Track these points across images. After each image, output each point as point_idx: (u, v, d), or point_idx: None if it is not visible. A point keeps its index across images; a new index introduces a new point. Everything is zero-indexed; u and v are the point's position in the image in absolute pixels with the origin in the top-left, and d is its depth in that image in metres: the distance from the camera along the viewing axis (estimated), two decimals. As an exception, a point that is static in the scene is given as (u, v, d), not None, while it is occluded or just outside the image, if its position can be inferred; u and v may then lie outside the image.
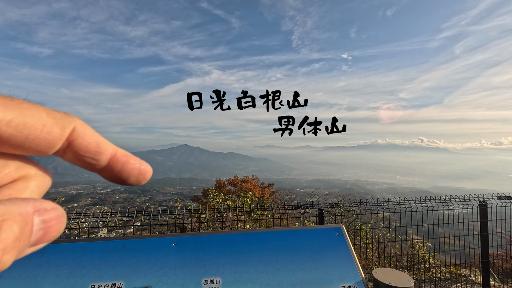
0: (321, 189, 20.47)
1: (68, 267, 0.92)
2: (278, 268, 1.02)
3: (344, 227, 1.20)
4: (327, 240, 1.15)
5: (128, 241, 1.03)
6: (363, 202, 3.19)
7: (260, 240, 1.11)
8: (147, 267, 0.96)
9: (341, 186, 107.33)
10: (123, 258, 0.97)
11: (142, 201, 65.94)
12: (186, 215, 2.76)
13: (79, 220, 2.63)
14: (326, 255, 1.09)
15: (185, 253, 1.02)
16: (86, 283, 0.89)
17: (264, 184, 20.19)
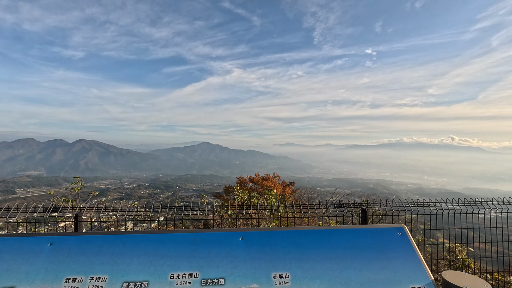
0: (342, 188, 19.96)
1: (148, 257, 0.99)
2: (344, 266, 1.03)
3: (406, 228, 1.18)
4: (390, 240, 1.13)
5: (198, 235, 1.08)
6: (389, 203, 3.07)
7: (323, 238, 1.12)
8: (219, 260, 1.01)
9: (364, 186, 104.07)
10: (196, 250, 1.03)
11: (165, 197, 68.16)
12: (209, 211, 2.82)
13: (108, 214, 2.77)
14: (391, 255, 1.08)
15: (252, 247, 1.06)
16: (166, 272, 0.95)
17: (285, 182, 20.09)
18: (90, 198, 4.93)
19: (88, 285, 0.89)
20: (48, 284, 0.89)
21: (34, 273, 0.90)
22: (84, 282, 0.90)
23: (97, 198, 5.26)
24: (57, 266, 0.93)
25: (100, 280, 0.91)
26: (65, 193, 4.47)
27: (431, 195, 79.36)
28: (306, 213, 2.58)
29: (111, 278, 0.92)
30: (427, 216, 2.93)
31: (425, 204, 2.84)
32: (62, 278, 0.90)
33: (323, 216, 3.17)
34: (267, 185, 17.83)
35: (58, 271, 0.91)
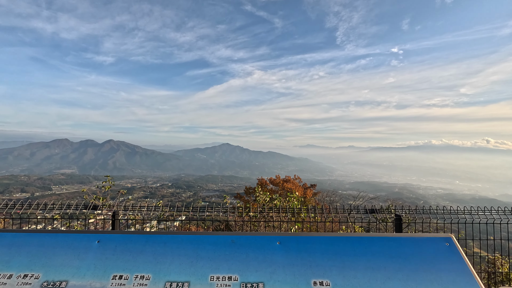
0: (366, 192, 19.26)
1: (189, 257, 1.01)
2: (388, 276, 0.98)
3: (454, 238, 1.10)
4: (437, 251, 1.06)
5: (236, 237, 1.08)
6: (419, 209, 2.87)
7: (363, 245, 1.08)
8: (257, 264, 1.00)
9: (388, 190, 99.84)
10: (234, 253, 1.03)
11: (187, 196, 69.78)
12: (230, 212, 2.83)
13: (136, 211, 2.85)
14: (439, 266, 1.01)
15: (290, 252, 1.04)
16: (206, 274, 0.97)
17: (306, 184, 19.78)
18: (118, 196, 5.16)
19: (133, 283, 0.92)
20: (97, 280, 0.93)
21: (84, 268, 0.95)
22: (130, 280, 0.93)
23: (123, 196, 5.50)
24: (104, 263, 0.97)
25: (144, 279, 0.94)
26: (95, 191, 4.72)
27: (463, 202, 74.20)
28: (329, 217, 2.51)
29: (154, 277, 0.95)
30: (459, 225, 2.71)
31: (455, 211, 2.63)
32: (110, 275, 0.94)
33: (346, 221, 3.06)
34: (288, 187, 17.67)
35: (106, 268, 0.96)
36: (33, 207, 2.60)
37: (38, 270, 0.93)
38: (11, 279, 0.90)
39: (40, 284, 0.90)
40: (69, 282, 0.91)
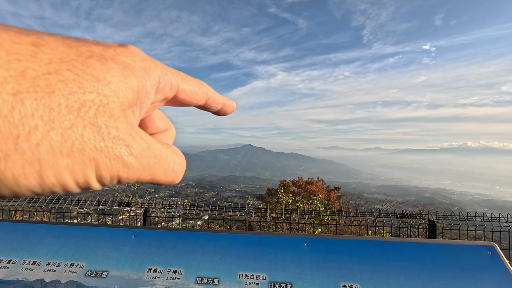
0: (394, 196, 18.40)
1: (218, 255, 1.04)
2: (422, 284, 0.93)
3: (497, 247, 1.03)
4: (477, 259, 1.00)
5: (263, 237, 1.10)
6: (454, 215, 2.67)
7: (396, 250, 1.04)
8: (285, 264, 1.01)
9: (419, 194, 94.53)
10: (262, 252, 1.04)
11: (210, 196, 71.25)
12: (253, 212, 2.83)
13: (164, 210, 2.95)
14: (479, 276, 0.95)
15: (319, 254, 1.03)
16: (235, 271, 0.99)
17: (330, 187, 19.33)
18: (146, 194, 5.41)
19: (167, 276, 0.97)
20: (134, 271, 0.99)
21: (122, 260, 1.02)
22: (163, 273, 0.98)
23: (151, 194, 5.78)
24: (140, 256, 1.03)
25: (176, 273, 0.99)
26: (125, 189, 4.98)
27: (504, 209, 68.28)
28: (354, 220, 2.44)
29: (186, 272, 0.99)
30: (501, 233, 2.49)
31: (501, 219, 2.40)
32: (145, 268, 1.00)
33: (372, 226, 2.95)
34: (311, 189, 17.40)
35: (142, 261, 1.02)
36: (69, 202, 2.82)
37: (83, 260, 1.01)
38: (60, 267, 0.98)
39: (84, 272, 0.97)
40: (110, 272, 0.98)
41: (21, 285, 0.97)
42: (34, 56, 0.14)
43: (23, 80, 0.14)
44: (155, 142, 0.20)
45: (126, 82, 0.17)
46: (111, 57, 0.17)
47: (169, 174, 0.21)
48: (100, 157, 0.16)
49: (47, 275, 0.98)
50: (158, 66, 0.20)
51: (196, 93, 0.24)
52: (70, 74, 0.15)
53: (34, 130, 0.13)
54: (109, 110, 0.16)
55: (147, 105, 0.20)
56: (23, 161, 0.13)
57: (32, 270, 1.00)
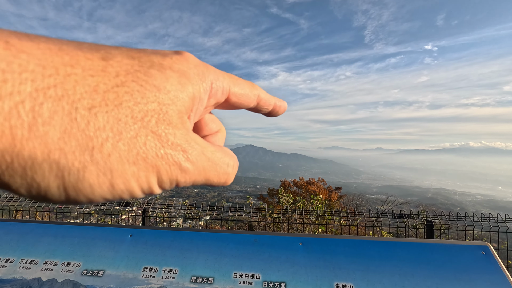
0: (395, 197, 18.32)
1: (213, 254, 1.05)
2: (416, 284, 0.94)
3: (491, 247, 1.03)
4: (471, 259, 1.00)
5: (258, 237, 1.11)
6: (453, 216, 2.65)
7: (390, 250, 1.04)
8: (279, 263, 1.02)
9: (421, 195, 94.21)
10: (257, 252, 1.05)
11: (211, 196, 71.26)
12: (254, 213, 2.83)
13: (164, 210, 2.96)
14: (473, 276, 0.95)
15: (313, 254, 1.04)
16: (230, 270, 1.00)
17: (331, 187, 19.29)
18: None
19: (162, 275, 0.98)
20: (130, 270, 1.00)
21: (119, 259, 1.03)
22: (159, 272, 0.99)
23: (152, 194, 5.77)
24: (136, 255, 1.04)
25: (172, 272, 1.00)
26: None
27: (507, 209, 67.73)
28: (355, 221, 2.44)
29: (181, 271, 1.00)
30: (502, 234, 2.48)
31: (499, 219, 2.38)
32: (141, 267, 1.01)
33: (372, 226, 2.96)
34: (312, 190, 17.38)
35: (138, 260, 1.03)
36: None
37: (79, 259, 1.02)
38: (57, 266, 1.00)
39: (81, 271, 0.98)
40: (106, 271, 0.99)
41: (19, 283, 0.98)
42: (104, 70, 0.16)
43: (96, 94, 0.15)
44: (208, 145, 0.21)
45: (183, 90, 0.19)
46: (168, 65, 0.19)
47: (221, 176, 0.22)
48: (161, 163, 0.17)
49: (44, 274, 0.99)
50: (210, 71, 0.21)
51: (247, 96, 0.25)
52: (135, 85, 0.17)
53: (105, 141, 0.15)
54: (168, 118, 0.17)
55: (200, 111, 0.21)
56: (97, 171, 0.15)
57: (29, 269, 1.01)
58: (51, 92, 0.14)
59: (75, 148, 0.14)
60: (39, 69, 0.14)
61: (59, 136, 0.14)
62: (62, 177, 0.14)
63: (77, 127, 0.14)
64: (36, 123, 0.13)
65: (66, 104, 0.14)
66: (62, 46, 0.16)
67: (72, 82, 0.15)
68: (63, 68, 0.15)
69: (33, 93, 0.13)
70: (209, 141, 0.26)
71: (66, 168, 0.14)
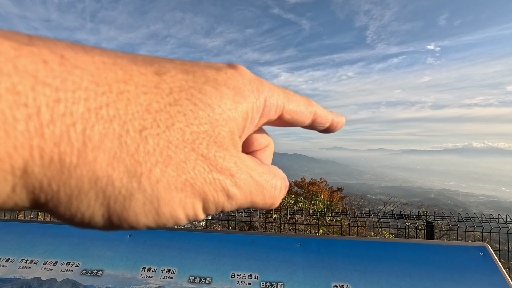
0: (398, 197, 18.21)
1: (211, 254, 1.06)
2: (413, 284, 0.94)
3: (489, 247, 1.03)
4: (469, 260, 1.00)
5: (256, 237, 1.11)
6: (453, 216, 2.63)
7: (388, 251, 1.04)
8: (277, 264, 1.02)
9: (423, 196, 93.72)
10: (255, 252, 1.06)
11: (213, 197, 71.07)
12: (254, 213, 2.83)
13: None
14: (470, 277, 0.95)
15: (311, 254, 1.04)
16: (227, 271, 1.00)
17: (332, 188, 19.24)
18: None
19: (161, 275, 0.99)
20: (129, 270, 1.01)
21: (117, 259, 1.04)
22: (157, 272, 1.00)
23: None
24: (135, 255, 1.05)
25: (170, 272, 1.00)
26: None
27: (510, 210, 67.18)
28: (356, 222, 2.44)
29: (179, 271, 1.01)
30: (504, 235, 2.46)
31: (500, 220, 2.36)
32: (140, 267, 1.01)
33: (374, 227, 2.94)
34: (313, 190, 17.34)
35: (136, 260, 1.03)
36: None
37: (78, 258, 1.03)
38: (56, 266, 1.00)
39: (80, 271, 0.99)
40: (104, 271, 0.99)
41: (19, 283, 0.99)
42: (157, 87, 0.15)
43: (148, 114, 0.14)
44: (257, 167, 0.20)
45: (237, 110, 0.18)
46: (223, 82, 0.18)
47: (268, 200, 0.21)
48: (208, 189, 0.16)
49: (44, 274, 1.00)
50: (264, 87, 0.20)
51: (302, 114, 0.23)
52: (188, 103, 0.16)
53: (154, 167, 0.14)
54: (220, 140, 0.17)
55: (250, 130, 0.21)
56: (144, 199, 0.14)
57: (29, 268, 1.02)
58: (103, 112, 0.13)
59: (123, 174, 0.13)
60: (92, 87, 0.13)
61: (108, 162, 0.13)
62: (107, 205, 0.14)
63: (127, 151, 0.13)
64: (85, 148, 0.13)
65: (117, 126, 0.13)
66: (117, 60, 0.15)
67: (125, 101, 0.14)
68: (116, 85, 0.14)
69: (85, 113, 0.13)
70: (257, 157, 0.25)
71: (112, 197, 0.14)
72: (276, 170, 0.23)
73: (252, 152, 0.26)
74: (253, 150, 0.26)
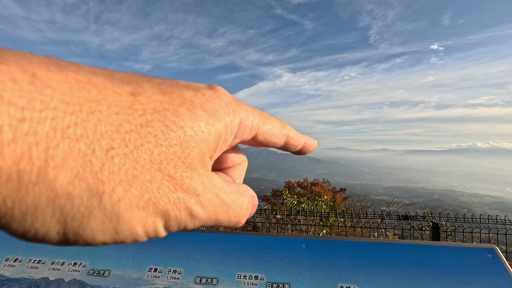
0: (401, 198, 18.07)
1: (217, 255, 1.06)
2: (421, 286, 0.93)
3: (498, 249, 1.02)
4: (478, 262, 0.99)
5: (262, 238, 1.11)
6: (459, 217, 2.60)
7: (395, 252, 1.04)
8: (283, 265, 1.02)
9: (427, 196, 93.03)
10: (260, 253, 1.05)
11: (216, 197, 71.00)
12: (257, 214, 2.83)
13: None
14: (479, 279, 0.94)
15: (317, 255, 1.04)
16: (233, 272, 1.00)
17: (335, 188, 19.18)
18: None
19: (167, 276, 0.99)
20: (135, 271, 1.01)
21: (124, 260, 1.04)
22: (164, 273, 1.00)
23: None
24: (141, 256, 1.05)
25: (176, 273, 1.00)
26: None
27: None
28: (360, 222, 2.42)
29: (185, 272, 1.01)
30: (510, 237, 2.43)
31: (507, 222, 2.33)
32: (146, 267, 1.02)
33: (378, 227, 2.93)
34: (316, 191, 17.29)
35: (143, 261, 1.04)
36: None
37: (85, 259, 1.04)
38: (64, 266, 1.01)
39: (87, 271, 1.00)
40: (111, 272, 1.00)
41: (27, 283, 1.00)
42: (131, 107, 0.15)
43: (117, 134, 0.14)
44: (225, 186, 0.20)
45: (210, 133, 0.18)
46: (200, 104, 0.18)
47: (233, 219, 0.21)
48: (171, 208, 0.16)
49: (52, 274, 1.01)
50: (241, 109, 0.21)
51: (276, 136, 0.24)
52: (160, 125, 0.16)
53: (117, 186, 0.14)
54: (188, 161, 0.17)
55: (222, 150, 0.21)
56: (103, 217, 0.14)
57: (37, 268, 1.03)
58: (70, 131, 0.13)
59: (84, 193, 0.13)
60: (62, 106, 0.13)
61: (69, 180, 0.13)
62: (64, 222, 0.14)
63: (90, 170, 0.13)
64: (47, 167, 0.13)
65: (83, 145, 0.13)
66: (92, 78, 0.15)
67: (95, 120, 0.14)
68: (87, 104, 0.14)
69: (50, 132, 0.13)
70: (229, 174, 0.26)
71: (70, 214, 0.14)
72: (245, 189, 0.23)
73: (224, 169, 0.26)
74: (226, 167, 0.26)
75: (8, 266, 1.03)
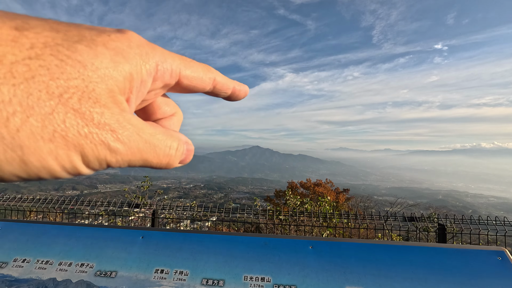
0: (405, 199, 17.94)
1: (223, 256, 1.06)
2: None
3: (508, 252, 1.00)
4: (486, 265, 0.98)
5: (268, 239, 1.11)
6: (466, 219, 2.57)
7: (402, 254, 1.03)
8: (290, 266, 1.01)
9: (431, 197, 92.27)
10: (267, 255, 1.05)
11: (218, 197, 71.32)
12: (260, 214, 2.82)
13: (172, 211, 2.97)
14: (488, 282, 0.93)
15: (323, 257, 1.04)
16: (240, 273, 1.00)
17: (338, 189, 19.09)
18: (155, 195, 5.48)
19: (173, 277, 0.99)
20: (142, 272, 1.02)
21: (131, 261, 1.04)
22: (170, 274, 1.00)
23: (160, 196, 5.82)
24: (148, 257, 1.06)
25: (183, 274, 1.00)
26: (135, 190, 5.06)
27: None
28: (363, 223, 2.41)
29: (192, 273, 1.01)
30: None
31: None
32: (153, 268, 1.02)
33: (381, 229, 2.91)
34: (319, 191, 17.22)
35: (149, 262, 1.04)
36: (81, 203, 2.89)
37: (93, 260, 1.04)
38: (71, 267, 1.02)
39: (94, 272, 1.00)
40: (118, 273, 1.00)
41: (35, 283, 1.00)
42: (15, 40, 0.14)
43: (0, 66, 0.14)
44: (147, 127, 0.20)
45: (116, 69, 0.17)
46: (102, 42, 0.17)
47: (162, 158, 0.21)
48: (85, 142, 0.16)
49: (59, 275, 1.02)
50: (156, 52, 0.20)
51: (201, 79, 0.24)
52: (53, 59, 0.15)
53: (12, 116, 0.14)
54: (95, 96, 0.16)
55: (143, 93, 0.20)
56: (4, 146, 0.14)
57: (45, 269, 1.04)
58: None
59: None
60: None
61: None
62: None
63: None
64: None
65: None
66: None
67: None
68: None
69: None
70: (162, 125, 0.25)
71: None
72: (176, 133, 0.23)
73: (156, 120, 0.26)
74: (157, 119, 0.26)
75: (16, 267, 1.04)
